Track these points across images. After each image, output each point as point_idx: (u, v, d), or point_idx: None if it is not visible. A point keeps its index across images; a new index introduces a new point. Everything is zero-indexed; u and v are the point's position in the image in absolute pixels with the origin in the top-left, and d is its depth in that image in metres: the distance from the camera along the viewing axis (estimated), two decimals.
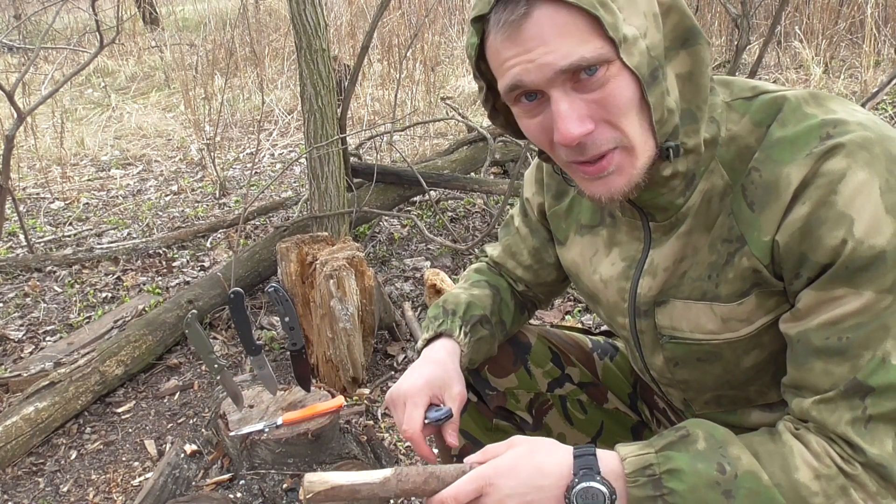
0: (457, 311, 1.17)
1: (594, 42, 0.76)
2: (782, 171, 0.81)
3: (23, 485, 2.03)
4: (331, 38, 5.07)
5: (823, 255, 0.78)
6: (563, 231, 1.13)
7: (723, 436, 0.83)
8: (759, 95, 0.88)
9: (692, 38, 0.84)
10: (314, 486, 0.87)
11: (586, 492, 0.80)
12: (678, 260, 0.93)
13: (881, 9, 5.13)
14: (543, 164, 1.16)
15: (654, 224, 0.95)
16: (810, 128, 0.81)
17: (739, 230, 0.86)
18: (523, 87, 0.80)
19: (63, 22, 8.52)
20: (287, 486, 1.76)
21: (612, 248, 1.03)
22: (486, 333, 1.17)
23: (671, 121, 0.83)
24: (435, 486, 0.86)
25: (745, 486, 0.79)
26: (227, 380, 1.84)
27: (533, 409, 1.26)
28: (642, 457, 0.82)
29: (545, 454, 0.85)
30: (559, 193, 1.14)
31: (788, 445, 0.81)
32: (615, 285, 1.02)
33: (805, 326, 0.82)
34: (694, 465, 0.80)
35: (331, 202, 2.81)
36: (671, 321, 0.96)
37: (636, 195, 0.87)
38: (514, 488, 0.82)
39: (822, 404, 0.80)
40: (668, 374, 1.03)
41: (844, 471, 0.78)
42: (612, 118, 0.80)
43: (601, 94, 0.78)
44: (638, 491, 0.81)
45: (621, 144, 0.81)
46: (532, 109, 0.83)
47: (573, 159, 0.83)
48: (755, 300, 0.87)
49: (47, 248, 3.64)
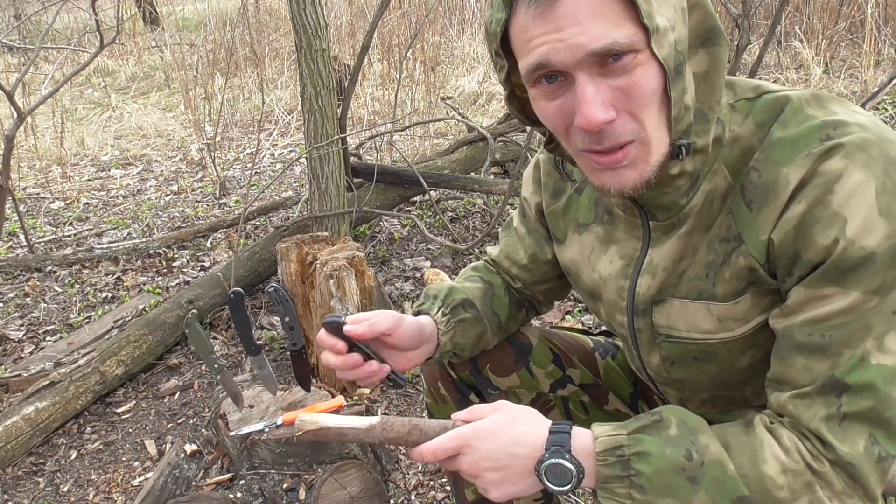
0: (438, 295, 1.18)
1: (628, 27, 0.75)
2: (781, 171, 0.81)
3: (23, 485, 2.03)
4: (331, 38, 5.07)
5: (815, 254, 0.78)
6: (561, 229, 1.13)
7: (695, 423, 0.84)
8: (761, 96, 0.88)
9: (713, 37, 0.84)
10: (305, 424, 0.93)
11: (555, 468, 0.84)
12: (678, 260, 0.93)
13: (881, 9, 5.13)
14: (541, 163, 1.16)
15: (654, 223, 0.95)
16: (811, 129, 0.81)
17: (737, 229, 0.86)
18: (549, 67, 0.78)
19: (63, 22, 8.52)
20: (287, 486, 1.76)
21: (609, 245, 1.03)
22: (469, 316, 1.16)
23: (686, 118, 0.82)
24: (417, 437, 0.91)
25: (710, 475, 0.80)
26: (227, 380, 1.84)
27: (534, 408, 1.26)
28: (614, 437, 0.84)
29: (525, 424, 0.88)
30: (556, 192, 1.13)
31: (760, 438, 0.82)
32: (614, 283, 1.02)
33: (791, 322, 0.82)
34: (662, 449, 0.82)
35: (331, 202, 2.81)
36: (668, 320, 0.96)
37: (643, 192, 0.87)
38: (490, 452, 0.86)
39: (798, 399, 0.81)
40: (664, 373, 1.03)
41: (812, 467, 0.79)
42: (635, 108, 0.79)
43: (627, 82, 0.77)
44: (606, 470, 0.83)
45: (638, 138, 0.80)
46: (552, 92, 0.81)
47: (589, 147, 0.82)
48: (750, 299, 0.88)
49: (47, 248, 3.64)
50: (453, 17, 7.12)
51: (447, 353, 1.16)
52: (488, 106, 5.52)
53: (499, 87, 5.78)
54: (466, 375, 1.24)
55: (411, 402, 2.22)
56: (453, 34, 6.92)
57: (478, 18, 7.04)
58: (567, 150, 0.89)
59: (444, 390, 1.26)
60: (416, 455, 0.90)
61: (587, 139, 0.81)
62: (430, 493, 1.84)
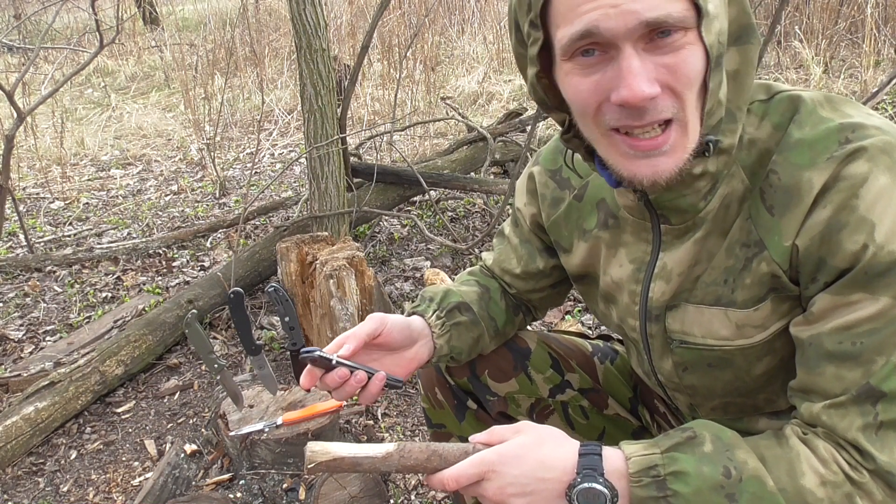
0: (434, 297, 1.16)
1: (682, 3, 0.73)
2: (803, 175, 0.80)
3: (23, 485, 2.03)
4: (331, 38, 5.07)
5: (843, 260, 0.77)
6: (566, 238, 1.11)
7: (730, 439, 0.82)
8: (774, 96, 0.86)
9: (746, 35, 0.82)
10: (316, 455, 0.86)
11: (588, 492, 0.80)
12: (692, 265, 0.91)
13: (881, 9, 5.13)
14: (536, 174, 1.13)
15: (666, 227, 0.92)
16: (829, 131, 0.80)
17: (758, 235, 0.85)
18: (596, 36, 0.75)
19: (63, 22, 8.52)
20: (287, 486, 1.76)
21: (617, 248, 1.01)
22: (464, 320, 1.14)
23: (718, 113, 0.80)
24: (437, 464, 0.86)
25: (749, 491, 0.78)
26: (227, 380, 1.84)
27: (534, 413, 1.25)
28: (647, 457, 0.81)
29: (552, 447, 0.84)
30: (555, 201, 1.11)
31: (795, 450, 0.80)
32: (626, 288, 1.00)
33: (818, 330, 0.80)
34: (699, 467, 0.79)
35: (331, 202, 2.81)
36: (682, 326, 0.94)
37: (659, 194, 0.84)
38: (516, 478, 0.82)
39: (832, 409, 0.79)
40: (675, 379, 1.02)
41: (851, 478, 0.77)
42: (679, 87, 0.76)
43: (674, 60, 0.75)
44: (641, 491, 0.80)
45: (678, 117, 0.78)
46: (590, 66, 0.78)
47: (624, 123, 0.78)
48: (770, 306, 0.86)
49: (47, 248, 3.64)
50: (453, 17, 7.12)
51: (444, 357, 1.14)
52: (488, 106, 5.52)
53: (499, 87, 5.78)
54: (464, 382, 1.22)
55: (411, 401, 2.22)
56: (453, 34, 6.92)
57: (478, 18, 7.04)
58: (590, 136, 0.85)
59: (440, 396, 1.25)
60: (437, 482, 0.85)
61: (623, 115, 0.77)
62: (429, 493, 1.84)
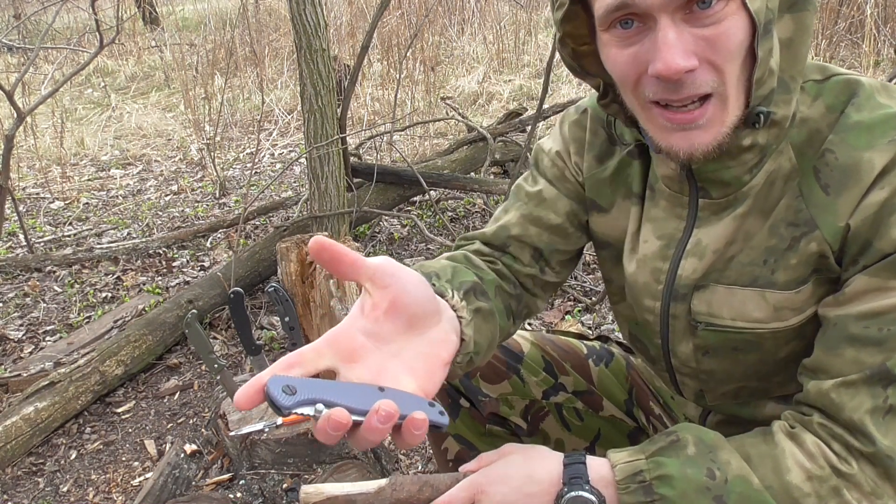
0: (441, 274, 0.90)
1: None
2: (863, 155, 0.78)
3: (23, 485, 2.03)
4: (331, 38, 5.07)
5: (888, 244, 0.76)
6: (607, 197, 1.02)
7: (712, 440, 0.82)
8: (830, 78, 0.85)
9: (802, 1, 0.80)
10: (310, 497, 0.88)
11: (575, 500, 0.80)
12: (728, 243, 0.89)
13: (881, 9, 5.13)
14: (588, 119, 1.03)
15: (705, 201, 0.89)
16: (888, 116, 0.79)
17: (809, 213, 0.82)
18: (632, 6, 0.73)
19: (63, 22, 8.51)
20: (287, 486, 1.76)
21: (644, 223, 0.96)
22: (484, 307, 0.91)
23: (770, 83, 0.78)
24: (429, 494, 0.88)
25: (735, 491, 0.78)
26: (227, 380, 1.84)
27: (528, 415, 1.24)
28: (632, 463, 0.81)
29: (537, 462, 0.85)
30: (602, 154, 1.02)
31: (780, 447, 0.80)
32: (649, 265, 0.96)
33: (846, 311, 0.79)
34: (683, 470, 0.79)
35: (331, 202, 2.81)
36: (709, 307, 0.91)
37: (705, 164, 0.82)
38: (505, 495, 0.83)
39: (843, 387, 0.78)
40: (692, 363, 0.98)
41: (839, 470, 0.77)
42: (719, 60, 0.74)
43: (714, 32, 0.73)
44: (629, 497, 0.80)
45: (717, 92, 0.76)
46: (627, 38, 0.76)
47: (662, 97, 0.77)
48: (811, 287, 0.84)
49: (47, 248, 3.64)
50: (453, 17, 7.12)
51: (466, 357, 0.84)
52: (488, 106, 5.52)
53: (498, 87, 5.79)
54: (455, 383, 1.20)
55: None
56: (453, 34, 6.92)
57: (478, 18, 7.05)
58: (630, 106, 0.84)
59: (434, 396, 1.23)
60: None
61: (661, 88, 0.76)
62: None
